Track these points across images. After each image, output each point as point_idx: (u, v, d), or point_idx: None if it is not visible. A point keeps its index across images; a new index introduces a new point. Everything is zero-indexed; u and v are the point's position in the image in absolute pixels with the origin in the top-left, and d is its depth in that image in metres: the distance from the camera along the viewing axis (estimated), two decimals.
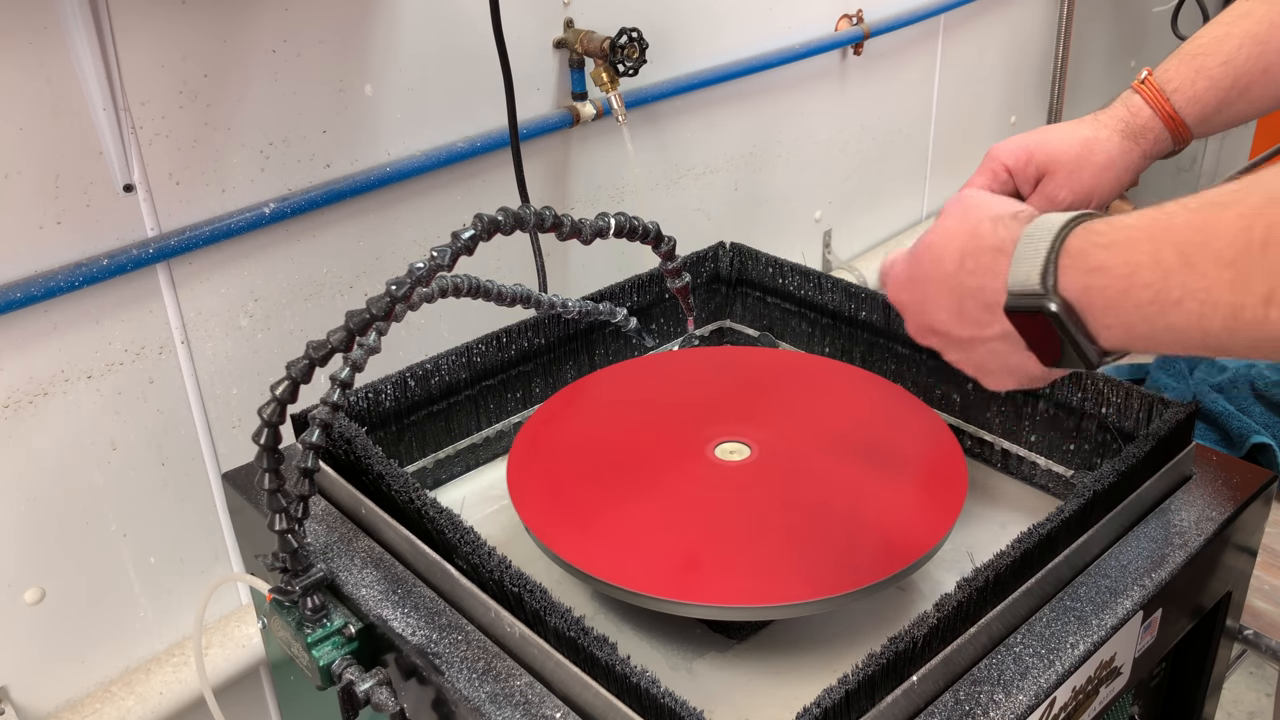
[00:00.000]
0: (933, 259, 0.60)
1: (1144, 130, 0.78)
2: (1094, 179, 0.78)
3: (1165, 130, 0.78)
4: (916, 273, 0.62)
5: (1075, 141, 0.78)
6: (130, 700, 1.07)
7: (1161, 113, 0.78)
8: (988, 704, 0.61)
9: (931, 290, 0.60)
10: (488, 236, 0.68)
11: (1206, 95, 0.77)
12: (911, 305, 0.63)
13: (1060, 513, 0.68)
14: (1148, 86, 0.79)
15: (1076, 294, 0.52)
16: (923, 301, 0.62)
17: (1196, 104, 0.78)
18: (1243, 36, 0.76)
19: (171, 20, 0.97)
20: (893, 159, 1.90)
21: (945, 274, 0.59)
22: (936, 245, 0.60)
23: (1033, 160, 0.79)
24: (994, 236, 0.57)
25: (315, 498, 0.81)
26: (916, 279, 0.62)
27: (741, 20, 1.51)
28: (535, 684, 0.63)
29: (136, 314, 1.03)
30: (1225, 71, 0.77)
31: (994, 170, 0.81)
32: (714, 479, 0.78)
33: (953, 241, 0.59)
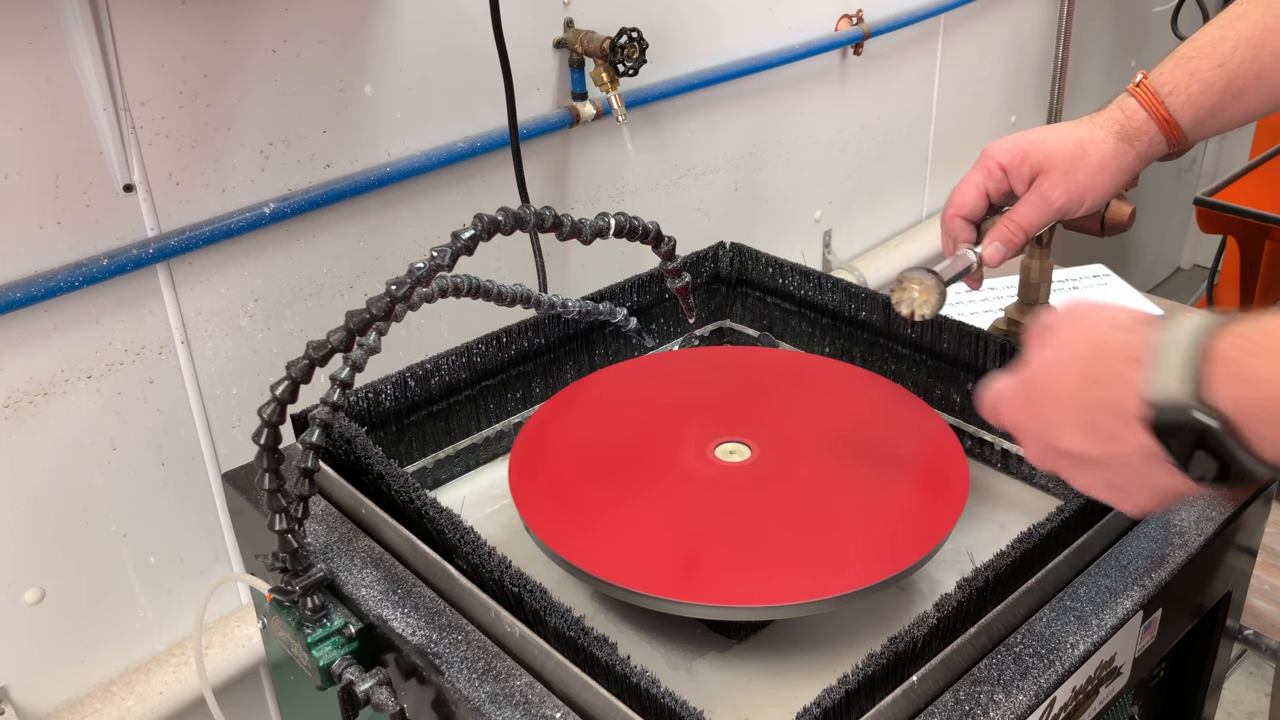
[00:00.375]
0: (1054, 374, 0.56)
1: (1139, 133, 0.78)
2: (1088, 180, 0.78)
3: (1160, 133, 0.78)
4: (1035, 391, 0.57)
5: (1070, 142, 0.78)
6: (130, 700, 1.07)
7: (1156, 116, 0.78)
8: (988, 704, 0.61)
9: (1056, 409, 0.55)
10: (488, 236, 0.68)
11: (1201, 99, 0.77)
12: (1033, 427, 0.58)
13: (1060, 513, 0.68)
14: (1143, 90, 0.79)
15: (1229, 404, 0.48)
16: (1046, 422, 0.56)
17: (1191, 107, 0.78)
18: (1237, 40, 0.77)
19: (171, 20, 0.97)
20: (893, 159, 1.90)
21: (1070, 389, 0.55)
22: (1056, 360, 0.56)
23: (1028, 159, 0.79)
24: (1123, 344, 0.53)
25: (315, 498, 0.81)
26: (1035, 398, 0.57)
27: (741, 20, 1.51)
28: (535, 684, 0.63)
29: (136, 314, 1.03)
30: (1220, 75, 0.77)
31: (989, 168, 0.81)
32: (714, 479, 0.78)
33: (1074, 353, 0.55)
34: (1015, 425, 0.60)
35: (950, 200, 0.83)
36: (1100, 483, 0.56)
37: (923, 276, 0.79)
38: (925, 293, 0.79)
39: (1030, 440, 0.59)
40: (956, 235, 0.84)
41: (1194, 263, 3.30)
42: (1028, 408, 0.58)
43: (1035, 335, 0.59)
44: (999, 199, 0.83)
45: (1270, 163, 2.22)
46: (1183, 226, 3.21)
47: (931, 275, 0.79)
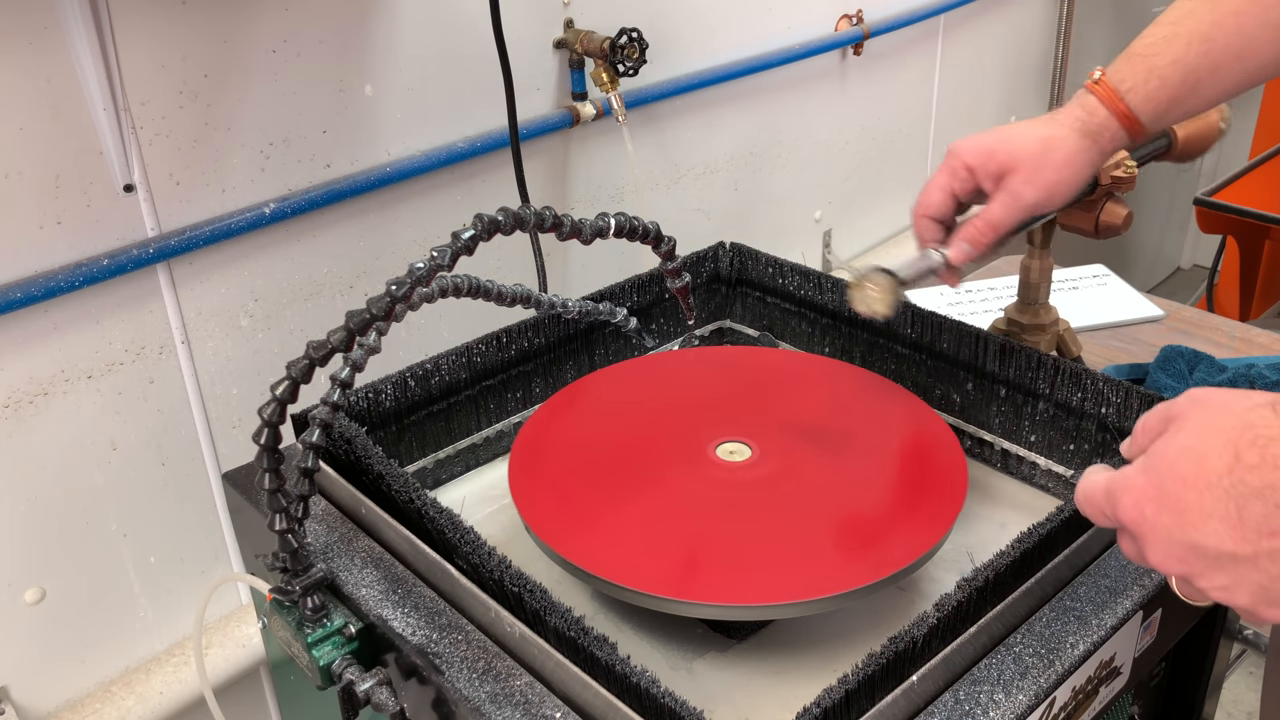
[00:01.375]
0: (1194, 459, 0.50)
1: (1101, 129, 0.79)
2: (1055, 176, 0.79)
3: (1121, 129, 0.79)
4: (1168, 479, 0.51)
5: (1035, 139, 0.79)
6: (130, 700, 1.07)
7: (1116, 112, 0.79)
8: (988, 704, 0.61)
9: (1196, 497, 0.49)
10: (488, 236, 0.68)
11: (1159, 94, 0.78)
12: (1162, 521, 0.51)
13: (1060, 513, 0.68)
14: (1102, 86, 0.80)
15: None
16: (1182, 512, 0.50)
17: (1150, 102, 0.78)
18: (1190, 36, 0.78)
19: (171, 20, 0.97)
20: (893, 159, 1.90)
21: (1215, 474, 0.49)
22: (1193, 445, 0.50)
23: (994, 158, 0.80)
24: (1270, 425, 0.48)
25: (315, 498, 0.81)
26: (1168, 486, 0.50)
27: (741, 20, 1.51)
28: (535, 684, 0.63)
29: (137, 314, 1.03)
30: (1175, 70, 0.78)
31: (954, 168, 0.82)
32: (714, 479, 0.78)
33: (1216, 436, 0.49)
34: (1137, 520, 0.52)
35: (918, 201, 0.84)
36: (1246, 586, 0.49)
37: (878, 276, 0.80)
38: (880, 291, 0.80)
39: (1156, 537, 0.51)
40: (924, 236, 0.84)
41: (1194, 263, 3.30)
42: (1157, 498, 0.51)
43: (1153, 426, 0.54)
44: (966, 198, 0.83)
45: (1270, 163, 2.23)
46: (1182, 226, 3.21)
47: (886, 275, 0.80)
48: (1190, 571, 0.50)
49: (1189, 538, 0.49)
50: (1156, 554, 0.51)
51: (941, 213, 0.83)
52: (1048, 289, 1.09)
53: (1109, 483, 0.54)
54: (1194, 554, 0.50)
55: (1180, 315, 1.41)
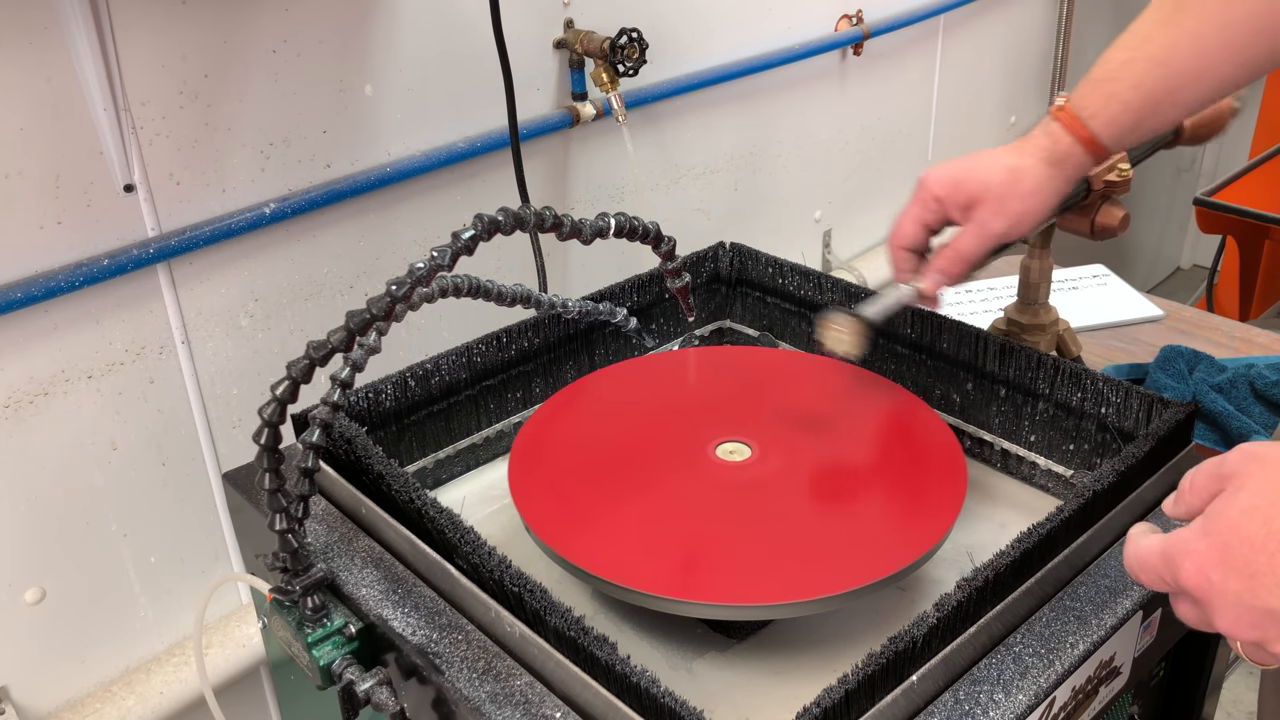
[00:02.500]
0: (1259, 520, 0.48)
1: (1065, 156, 0.81)
2: (1022, 205, 0.80)
3: (1086, 154, 0.81)
4: (1236, 542, 0.49)
5: (1002, 170, 0.80)
6: (130, 700, 1.07)
7: (1081, 138, 0.80)
8: (988, 704, 0.61)
9: (1267, 560, 0.48)
10: (488, 236, 0.68)
11: (1122, 119, 0.80)
12: (1230, 586, 0.49)
13: (1060, 513, 0.68)
14: (1065, 113, 0.81)
15: None
16: (1252, 577, 0.48)
17: (1113, 127, 0.80)
18: (1147, 61, 0.79)
19: (172, 20, 0.97)
20: (893, 159, 1.90)
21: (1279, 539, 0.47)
22: (1259, 505, 0.48)
23: (961, 189, 0.81)
24: None
25: (315, 498, 0.81)
26: (1235, 551, 0.49)
27: (741, 21, 1.51)
28: (535, 684, 0.63)
29: (137, 314, 1.03)
30: (1136, 95, 0.79)
31: (924, 200, 0.83)
32: (714, 479, 0.78)
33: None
34: (1203, 586, 0.50)
35: (891, 233, 0.85)
36: None
37: (842, 318, 0.84)
38: (848, 333, 0.84)
39: (1225, 603, 0.49)
40: (900, 266, 0.86)
41: (1193, 263, 3.30)
42: (1223, 562, 0.49)
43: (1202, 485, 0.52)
44: (938, 226, 0.85)
45: (1270, 163, 2.23)
46: (1182, 226, 3.21)
47: (851, 317, 0.84)
48: (1265, 637, 0.49)
49: (1262, 603, 0.48)
50: (1226, 620, 0.50)
51: (915, 243, 0.84)
52: (1048, 289, 1.09)
53: (1166, 548, 0.52)
54: (1269, 619, 0.48)
55: (1180, 315, 1.41)
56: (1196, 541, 0.50)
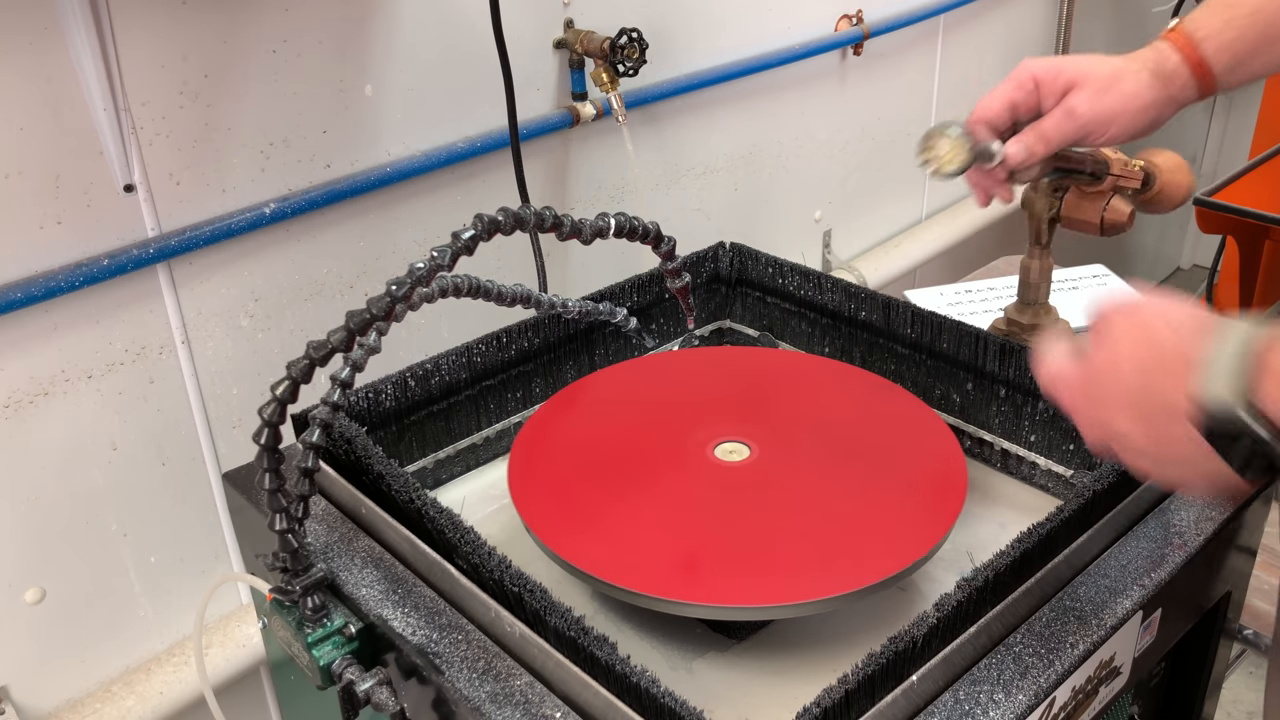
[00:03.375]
0: (1111, 369, 0.58)
1: (1173, 74, 0.78)
2: (1119, 104, 0.78)
3: (1192, 77, 0.79)
4: (1094, 388, 0.60)
5: (1106, 67, 0.79)
6: (130, 700, 1.07)
7: (1190, 60, 0.78)
8: (988, 704, 0.61)
9: (1114, 406, 0.58)
10: (488, 236, 0.68)
11: (1235, 45, 0.78)
12: (1091, 419, 0.61)
13: (1060, 513, 0.68)
14: (1177, 34, 0.79)
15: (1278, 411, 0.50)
16: (1105, 417, 0.59)
17: (1225, 53, 0.78)
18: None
19: (172, 20, 0.97)
20: (893, 159, 1.90)
21: (1128, 389, 0.57)
22: (1114, 356, 0.58)
23: (1063, 74, 0.79)
24: (1176, 346, 0.55)
25: (315, 497, 0.81)
26: (1095, 395, 0.60)
27: (741, 20, 1.51)
28: (535, 684, 0.63)
29: (137, 314, 1.03)
30: (1254, 22, 0.77)
31: (1020, 80, 0.80)
32: (714, 479, 0.78)
33: (1130, 353, 0.57)
34: (1072, 408, 0.62)
35: (976, 106, 0.82)
36: (1154, 469, 0.59)
37: (950, 131, 0.78)
38: (952, 149, 0.79)
39: (1087, 429, 0.61)
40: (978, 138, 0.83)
41: (1194, 263, 3.30)
42: (1087, 401, 0.61)
43: (1095, 328, 0.61)
44: (1026, 114, 0.81)
45: (1270, 163, 2.22)
46: (1182, 226, 3.21)
47: (960, 129, 0.78)
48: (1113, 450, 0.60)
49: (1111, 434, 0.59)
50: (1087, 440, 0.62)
51: (998, 121, 0.81)
52: (1048, 289, 1.09)
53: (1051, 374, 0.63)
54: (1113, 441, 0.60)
55: None
56: (1072, 374, 0.62)
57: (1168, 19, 2.24)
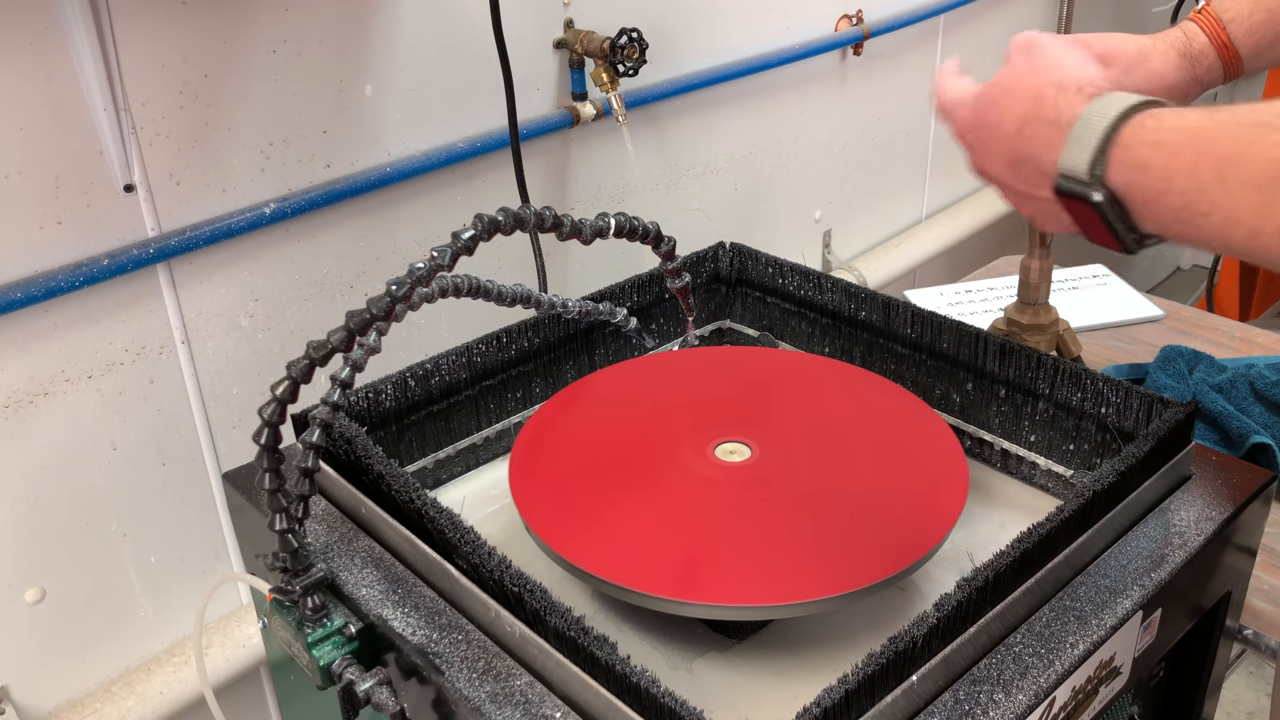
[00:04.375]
0: (995, 115, 0.61)
1: (1199, 55, 0.78)
2: (1145, 83, 0.78)
3: (1218, 59, 0.78)
4: (979, 123, 0.63)
5: (1134, 45, 0.79)
6: (130, 700, 1.07)
7: (1217, 41, 0.78)
8: (987, 704, 0.61)
9: (992, 145, 0.62)
10: (488, 236, 0.68)
11: (1264, 28, 0.77)
12: (973, 149, 0.65)
13: (1060, 513, 0.68)
14: (1205, 15, 0.79)
15: (1121, 186, 0.54)
16: (983, 151, 0.64)
17: (1253, 35, 0.78)
18: None
19: (172, 21, 0.97)
20: (893, 159, 1.90)
21: (1005, 134, 0.60)
22: (999, 102, 0.61)
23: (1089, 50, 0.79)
24: (1054, 109, 0.58)
25: (315, 497, 0.81)
26: (978, 129, 0.64)
27: (741, 20, 1.51)
28: (535, 684, 0.63)
29: (137, 314, 1.03)
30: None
31: None
32: (714, 479, 0.78)
33: (1015, 104, 0.60)
34: (959, 134, 0.66)
35: None
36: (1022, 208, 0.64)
37: None
38: None
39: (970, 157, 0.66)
40: None
41: (1194, 263, 3.30)
42: (973, 131, 0.64)
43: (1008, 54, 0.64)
44: None
45: None
46: None
47: None
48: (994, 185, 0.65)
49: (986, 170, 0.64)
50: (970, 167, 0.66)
51: None
52: (1048, 289, 1.09)
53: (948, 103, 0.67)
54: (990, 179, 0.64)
55: (1180, 315, 1.41)
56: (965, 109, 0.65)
57: (1168, 18, 2.25)
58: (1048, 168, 0.57)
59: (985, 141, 0.63)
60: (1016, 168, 0.61)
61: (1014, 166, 0.61)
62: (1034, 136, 0.59)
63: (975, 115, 0.64)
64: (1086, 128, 0.55)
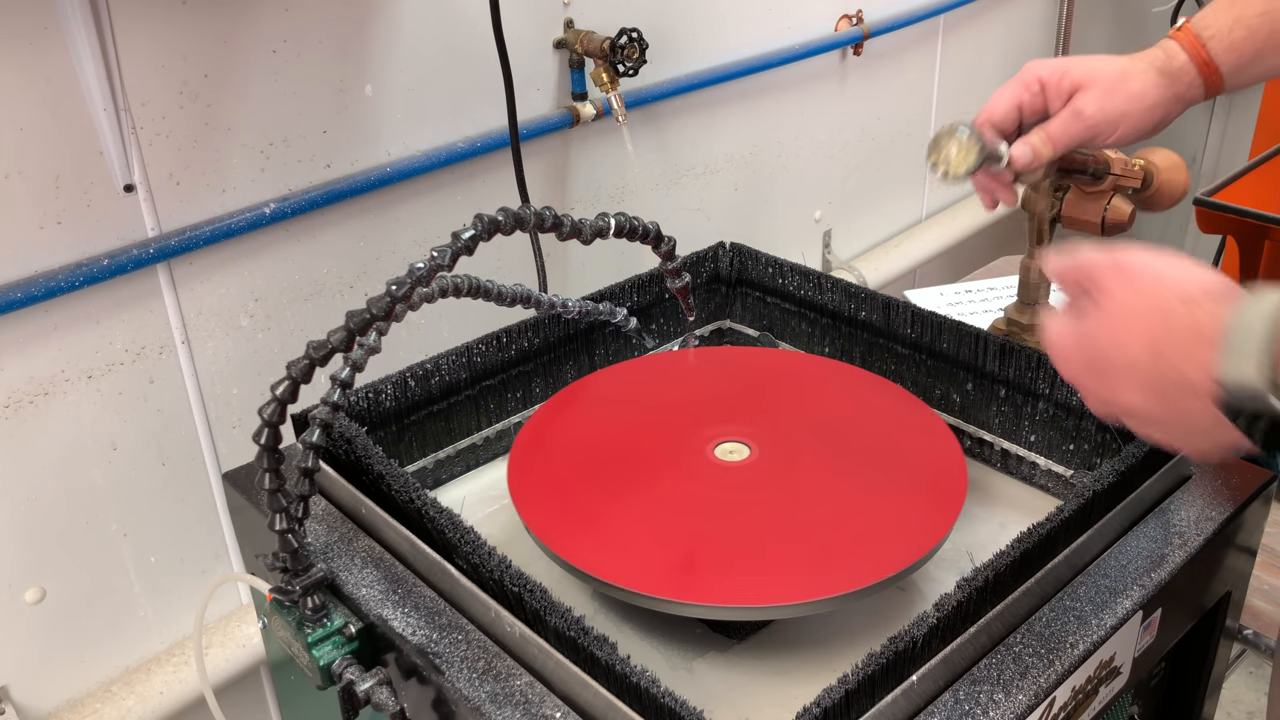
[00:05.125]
0: (1116, 344, 0.57)
1: (1179, 73, 0.78)
2: (1125, 104, 0.78)
3: (1199, 76, 0.78)
4: (1098, 359, 0.58)
5: (1113, 67, 0.78)
6: (130, 700, 1.07)
7: (1197, 59, 0.78)
8: (987, 704, 0.61)
9: (1122, 378, 0.57)
10: (488, 236, 0.68)
11: (1243, 45, 0.77)
12: (1094, 386, 0.60)
13: (1060, 513, 0.68)
14: (1184, 33, 0.79)
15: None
16: (1111, 388, 0.58)
17: (1233, 53, 0.78)
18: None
19: (172, 21, 0.97)
20: (893, 159, 1.90)
21: (1135, 362, 0.56)
22: (1118, 329, 0.57)
23: (1068, 75, 0.78)
24: (1189, 320, 0.54)
25: (315, 497, 0.81)
26: (1099, 366, 0.59)
27: (741, 20, 1.51)
28: (535, 684, 0.63)
29: (137, 314, 1.03)
30: (1263, 22, 0.77)
31: (1027, 81, 0.80)
32: (714, 479, 0.78)
33: (1138, 325, 0.56)
34: (1073, 379, 0.61)
35: (983, 109, 0.82)
36: (1162, 436, 0.59)
37: (959, 131, 0.78)
38: (962, 151, 0.78)
39: (1090, 397, 0.61)
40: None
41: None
42: (1089, 368, 0.59)
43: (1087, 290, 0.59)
44: (1031, 116, 0.81)
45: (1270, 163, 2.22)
46: (1182, 226, 3.20)
47: (969, 131, 0.78)
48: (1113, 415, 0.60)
49: (1115, 401, 0.59)
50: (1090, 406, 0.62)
51: (1005, 122, 0.81)
52: (1048, 289, 1.09)
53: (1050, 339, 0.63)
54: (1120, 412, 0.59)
55: None
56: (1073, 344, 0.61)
57: (1168, 19, 2.24)
58: (1201, 385, 0.53)
59: (1110, 374, 0.58)
60: (1161, 395, 0.56)
61: (1154, 391, 0.56)
62: (1171, 354, 0.54)
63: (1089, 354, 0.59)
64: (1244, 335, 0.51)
